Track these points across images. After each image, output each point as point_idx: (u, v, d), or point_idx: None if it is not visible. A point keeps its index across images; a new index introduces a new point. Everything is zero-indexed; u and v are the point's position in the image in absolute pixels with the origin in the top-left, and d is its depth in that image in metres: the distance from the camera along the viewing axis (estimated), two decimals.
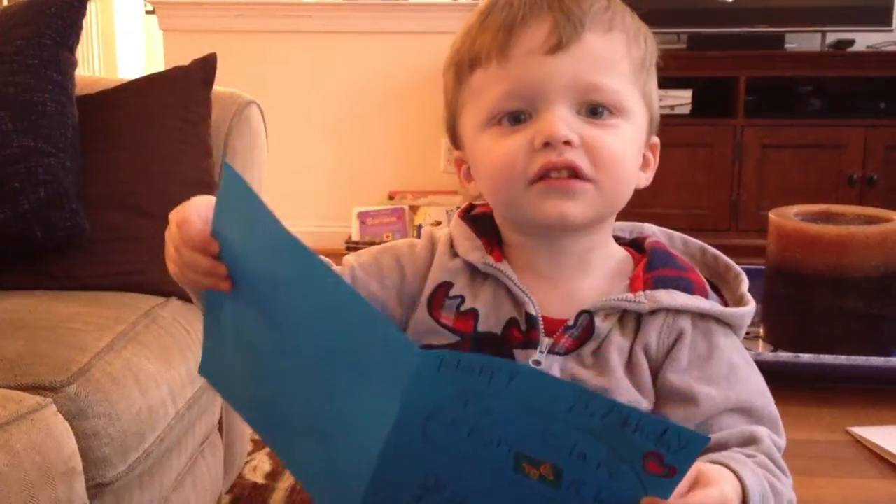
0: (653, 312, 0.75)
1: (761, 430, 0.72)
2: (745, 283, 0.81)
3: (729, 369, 0.75)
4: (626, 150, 0.75)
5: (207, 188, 1.65)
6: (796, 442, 1.04)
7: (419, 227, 3.55)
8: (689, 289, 0.76)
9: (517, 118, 0.74)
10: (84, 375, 1.24)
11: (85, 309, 1.42)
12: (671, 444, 0.55)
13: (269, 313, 0.68)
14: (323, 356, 0.63)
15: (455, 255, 0.81)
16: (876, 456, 1.02)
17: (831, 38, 3.24)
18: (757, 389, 0.76)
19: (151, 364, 1.36)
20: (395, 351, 0.57)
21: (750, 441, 0.71)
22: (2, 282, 1.53)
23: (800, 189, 3.03)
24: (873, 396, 1.14)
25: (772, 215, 1.27)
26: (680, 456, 0.56)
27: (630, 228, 0.85)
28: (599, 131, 0.73)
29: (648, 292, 0.75)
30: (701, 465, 0.63)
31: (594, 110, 0.73)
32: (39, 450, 1.10)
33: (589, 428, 0.56)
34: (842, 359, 1.13)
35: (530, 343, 0.76)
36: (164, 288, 1.53)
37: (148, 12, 4.95)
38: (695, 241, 0.85)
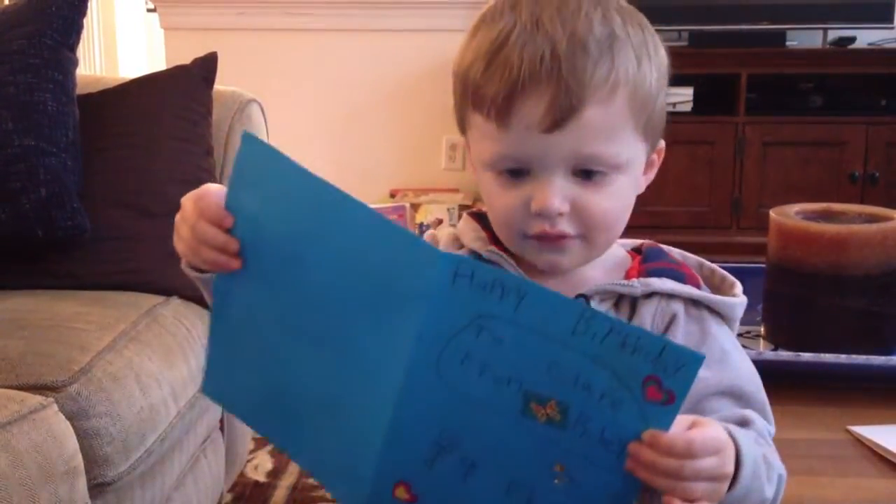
0: (647, 297, 0.78)
1: (753, 415, 0.74)
2: (738, 287, 0.83)
3: (721, 354, 0.77)
4: (618, 204, 0.77)
5: None
6: (797, 441, 1.04)
7: (421, 226, 3.55)
8: (681, 279, 0.80)
9: (516, 173, 0.76)
10: (85, 375, 1.24)
11: (86, 308, 1.42)
12: (668, 366, 0.58)
13: (284, 286, 0.69)
14: (344, 306, 0.65)
15: (460, 246, 0.85)
16: (876, 455, 1.02)
17: (833, 35, 3.23)
18: (748, 376, 0.77)
19: (153, 363, 1.36)
20: (417, 258, 0.60)
21: (742, 423, 0.73)
22: (3, 281, 1.53)
23: (801, 186, 3.02)
24: (874, 395, 1.14)
25: (772, 214, 1.26)
26: (677, 379, 0.58)
27: (631, 244, 0.88)
28: (591, 193, 0.75)
29: (641, 279, 0.79)
30: (697, 416, 0.66)
31: (588, 173, 0.75)
32: (41, 449, 1.11)
33: (591, 353, 0.59)
34: (842, 358, 1.13)
35: None
36: (166, 287, 1.53)
37: (149, 10, 4.95)
38: (693, 256, 0.87)
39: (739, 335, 1.26)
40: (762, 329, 1.29)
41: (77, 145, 1.57)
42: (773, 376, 1.15)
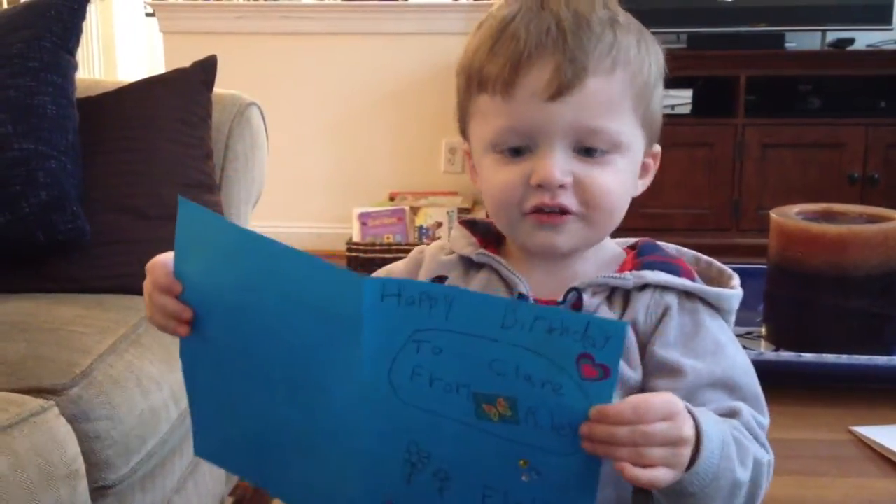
0: (640, 290, 0.78)
1: (742, 406, 0.74)
2: (735, 279, 0.83)
3: (715, 346, 0.77)
4: (618, 184, 0.78)
5: (209, 190, 1.65)
6: (799, 441, 1.04)
7: (420, 228, 3.55)
8: (675, 272, 0.80)
9: (517, 151, 0.77)
10: (86, 378, 1.24)
11: (86, 312, 1.42)
12: (596, 340, 0.60)
13: (241, 340, 0.72)
14: (297, 347, 0.68)
15: (449, 253, 0.86)
16: (878, 455, 1.02)
17: (831, 37, 3.24)
18: (742, 368, 0.77)
19: (153, 366, 1.36)
20: (345, 287, 0.63)
21: (730, 415, 0.73)
22: (3, 285, 1.53)
23: (801, 188, 3.03)
24: (875, 396, 1.13)
25: (773, 214, 1.26)
26: (607, 351, 0.60)
27: (626, 242, 0.88)
28: (592, 169, 0.76)
29: (635, 271, 0.79)
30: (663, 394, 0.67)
31: (589, 150, 0.76)
32: (42, 452, 1.11)
33: (524, 343, 0.61)
34: (844, 358, 1.13)
35: None
36: None
37: (148, 14, 4.95)
38: (689, 251, 0.88)
39: (740, 336, 1.27)
40: (763, 330, 1.29)
41: (77, 149, 1.57)
42: (775, 377, 1.15)
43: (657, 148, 0.83)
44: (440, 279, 0.85)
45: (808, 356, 1.13)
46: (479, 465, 0.65)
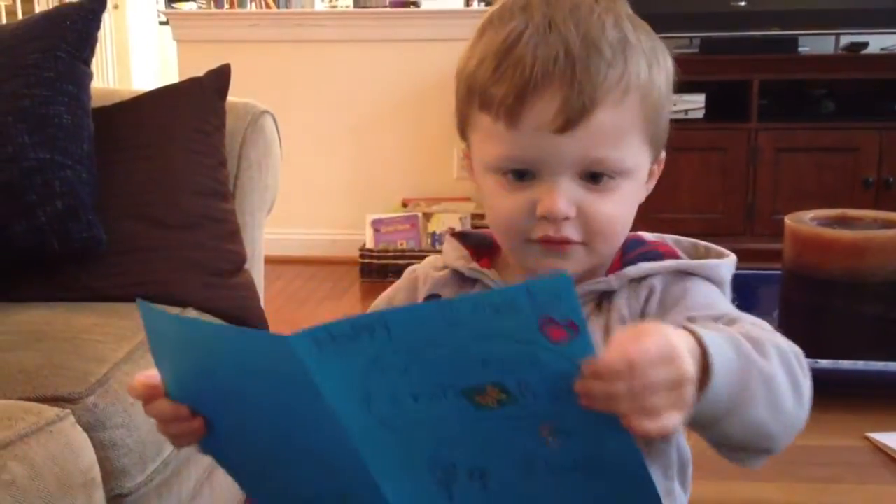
0: (622, 288, 0.78)
1: (745, 315, 0.71)
2: (731, 256, 0.82)
3: (708, 301, 0.75)
4: (623, 210, 0.77)
5: (223, 198, 1.65)
6: (815, 448, 1.03)
7: (433, 235, 3.55)
8: (657, 258, 0.79)
9: (521, 175, 0.75)
10: (102, 386, 1.25)
11: (102, 320, 1.42)
12: (545, 301, 0.56)
13: (232, 423, 0.71)
14: (275, 419, 0.67)
15: (442, 267, 0.86)
16: (895, 462, 1.01)
17: (845, 40, 3.23)
18: (738, 313, 0.74)
19: None
20: (279, 350, 0.59)
21: (730, 323, 0.70)
22: (20, 294, 1.54)
23: (815, 193, 3.02)
24: (892, 402, 1.13)
25: (787, 220, 1.26)
26: (564, 306, 0.56)
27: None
28: (597, 198, 0.75)
29: (619, 272, 0.78)
30: (640, 324, 0.63)
31: (595, 176, 0.75)
32: (58, 461, 1.11)
33: (479, 333, 0.57)
34: (859, 364, 1.12)
35: None
36: (181, 298, 1.54)
37: (161, 23, 4.98)
38: (687, 239, 0.86)
39: None
40: None
41: (92, 158, 1.58)
42: None
43: (662, 154, 0.82)
44: (434, 297, 0.84)
45: (824, 362, 1.13)
46: (504, 448, 0.63)
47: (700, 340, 0.62)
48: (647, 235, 0.86)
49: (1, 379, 1.23)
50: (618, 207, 0.76)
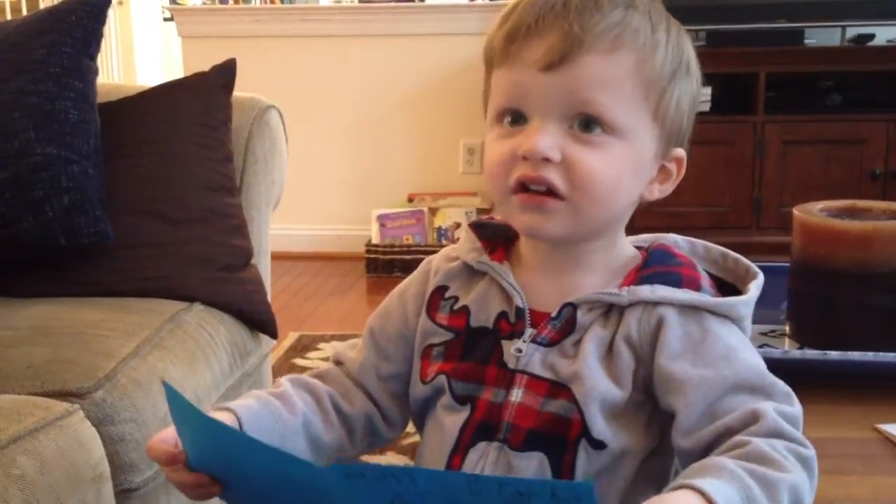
0: (633, 305, 0.76)
1: (765, 407, 0.70)
2: (756, 280, 0.81)
3: (726, 350, 0.75)
4: (611, 171, 0.75)
5: (229, 193, 1.65)
6: (825, 440, 1.03)
7: (439, 230, 3.55)
8: (676, 283, 0.77)
9: (517, 119, 0.76)
10: (110, 381, 1.25)
11: (110, 315, 1.43)
12: (568, 500, 0.57)
13: (254, 498, 0.74)
14: None
15: (455, 258, 0.86)
16: None
17: (851, 32, 3.22)
18: (758, 369, 0.75)
19: (176, 369, 1.36)
20: (314, 476, 0.63)
21: (752, 420, 0.70)
22: (27, 289, 1.54)
23: (822, 185, 3.01)
24: None
25: (796, 211, 1.25)
26: None
27: (653, 239, 0.86)
28: (585, 149, 0.74)
29: (631, 287, 0.77)
30: (657, 498, 0.63)
31: (587, 124, 0.74)
32: (67, 456, 1.11)
33: (499, 502, 0.59)
34: (869, 356, 1.12)
35: (515, 333, 0.80)
36: (188, 293, 1.54)
37: (166, 19, 4.98)
38: (717, 247, 0.86)
39: (764, 334, 1.26)
40: (787, 328, 1.28)
41: (98, 153, 1.58)
42: (800, 375, 1.14)
43: (680, 152, 0.80)
44: (443, 288, 0.85)
45: (833, 354, 1.12)
46: None
47: (707, 496, 0.62)
48: (680, 244, 0.85)
49: (9, 374, 1.23)
50: (606, 165, 0.74)
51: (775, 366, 1.14)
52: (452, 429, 0.80)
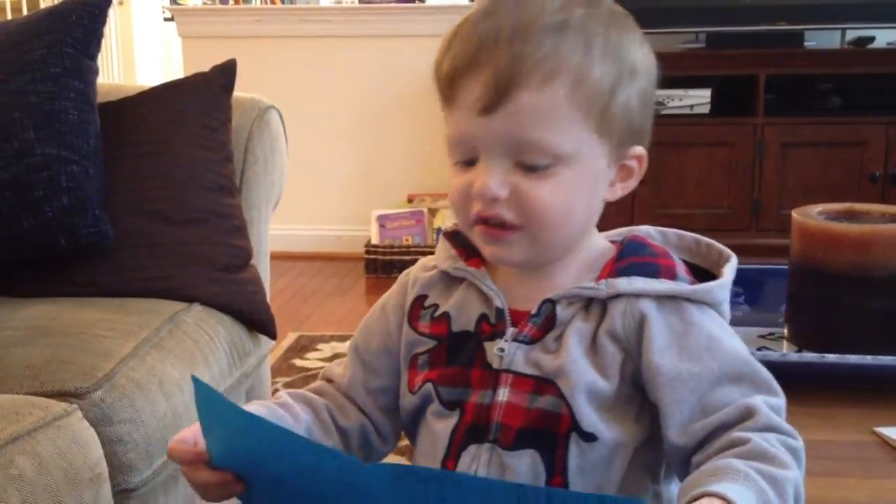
0: (615, 298, 0.77)
1: (757, 402, 0.72)
2: (729, 264, 0.81)
3: (708, 341, 0.75)
4: (562, 197, 0.75)
5: (229, 193, 1.65)
6: (822, 443, 1.03)
7: (438, 230, 3.55)
8: (654, 273, 0.78)
9: (469, 162, 0.77)
10: (109, 381, 1.25)
11: (109, 315, 1.43)
12: None
13: (280, 497, 0.72)
14: None
15: (432, 267, 0.87)
16: None
17: (851, 35, 3.22)
18: (741, 356, 0.75)
19: (175, 369, 1.36)
20: (358, 474, 0.63)
21: (746, 416, 0.71)
22: (27, 289, 1.54)
23: (821, 188, 3.01)
24: None
25: (794, 214, 1.25)
26: None
27: (626, 232, 0.86)
28: (533, 182, 0.75)
29: (609, 280, 0.77)
30: None
31: (530, 158, 0.75)
32: (66, 456, 1.11)
33: None
34: (867, 359, 1.12)
35: (497, 334, 0.80)
36: (187, 294, 1.54)
37: (166, 19, 4.98)
38: (689, 234, 0.86)
39: (762, 337, 1.26)
40: (785, 330, 1.28)
41: (98, 153, 1.58)
42: (798, 378, 1.14)
43: (638, 150, 0.80)
44: (422, 298, 0.85)
45: (831, 357, 1.12)
46: None
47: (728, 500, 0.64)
48: (652, 235, 0.86)
49: (8, 374, 1.23)
50: (556, 193, 0.75)
51: (773, 368, 1.14)
52: (443, 434, 0.80)
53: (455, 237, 0.86)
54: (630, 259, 0.79)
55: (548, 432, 0.76)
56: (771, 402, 0.73)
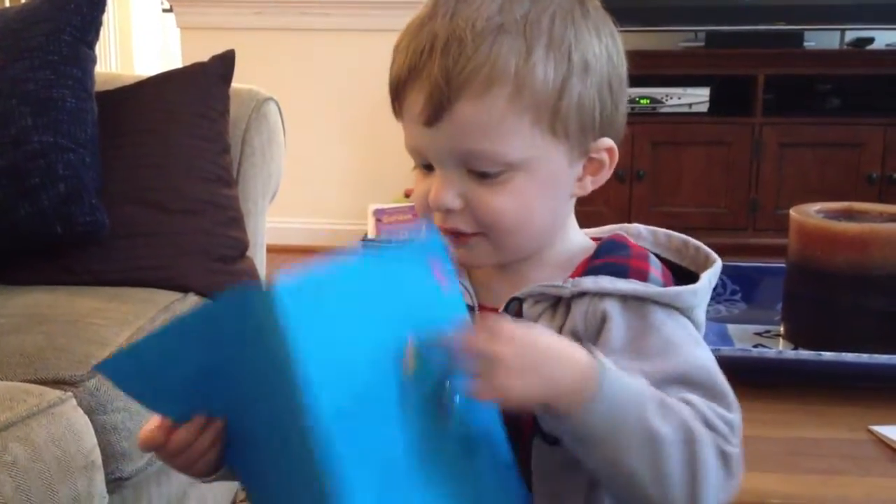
0: (580, 297, 0.75)
1: (697, 400, 0.68)
2: (711, 269, 0.79)
3: (664, 345, 0.72)
4: (518, 203, 0.74)
5: (226, 184, 1.65)
6: (819, 441, 1.03)
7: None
8: (623, 274, 0.76)
9: (428, 167, 0.77)
10: None
11: (104, 304, 1.42)
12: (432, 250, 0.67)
13: (238, 416, 0.69)
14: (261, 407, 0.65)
15: None
16: None
17: (850, 35, 3.22)
18: (701, 365, 0.72)
19: None
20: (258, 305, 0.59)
21: (679, 384, 0.69)
22: (22, 277, 1.54)
23: (818, 188, 3.01)
24: (895, 395, 1.13)
25: (793, 213, 1.26)
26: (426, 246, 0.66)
27: (612, 230, 0.85)
28: (487, 190, 0.73)
29: (576, 279, 0.76)
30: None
31: (480, 168, 0.73)
32: (59, 443, 1.11)
33: (391, 283, 0.65)
34: (864, 357, 1.12)
35: None
36: (183, 283, 1.54)
37: (164, 10, 4.97)
38: (679, 236, 0.84)
39: (758, 335, 1.26)
40: (782, 329, 1.28)
41: (95, 142, 1.58)
42: (795, 376, 1.14)
43: (607, 142, 0.77)
44: None
45: (828, 355, 1.12)
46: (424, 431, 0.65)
47: (596, 357, 0.66)
48: (642, 234, 0.84)
49: (2, 361, 1.23)
50: (511, 200, 0.73)
51: (770, 366, 1.14)
52: None
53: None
54: (605, 258, 0.78)
55: (511, 433, 0.73)
56: (718, 410, 0.68)
